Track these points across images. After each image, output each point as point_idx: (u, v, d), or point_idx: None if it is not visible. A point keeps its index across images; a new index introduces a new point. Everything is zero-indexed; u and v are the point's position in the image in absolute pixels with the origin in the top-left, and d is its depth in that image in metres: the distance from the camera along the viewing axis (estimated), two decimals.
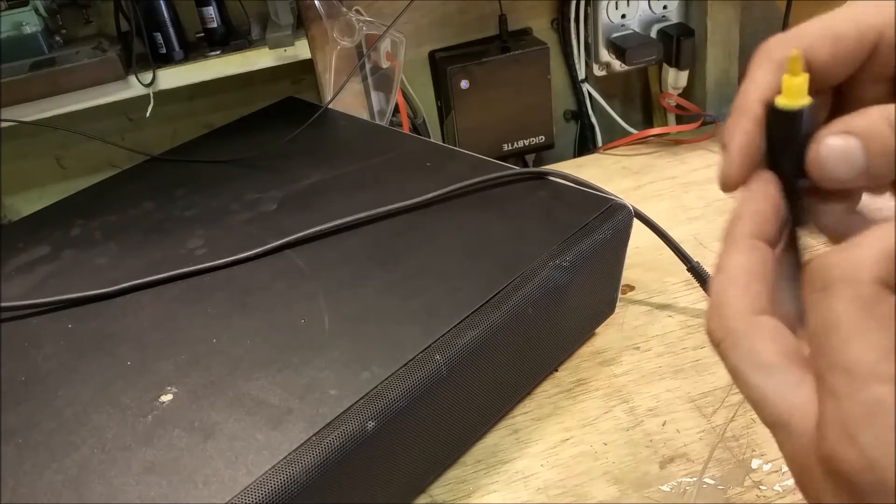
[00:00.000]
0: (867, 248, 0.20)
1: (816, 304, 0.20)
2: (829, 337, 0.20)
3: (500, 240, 0.49)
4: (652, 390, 0.51)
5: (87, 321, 0.47)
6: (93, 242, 0.56)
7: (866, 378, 0.19)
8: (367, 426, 0.37)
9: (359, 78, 0.77)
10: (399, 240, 0.50)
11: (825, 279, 0.20)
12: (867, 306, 0.19)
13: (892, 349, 0.19)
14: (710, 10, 0.85)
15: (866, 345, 0.19)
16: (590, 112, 0.92)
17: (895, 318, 0.19)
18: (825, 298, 0.20)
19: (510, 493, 0.45)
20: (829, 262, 0.20)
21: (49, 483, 0.35)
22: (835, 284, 0.20)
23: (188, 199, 0.59)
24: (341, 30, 0.72)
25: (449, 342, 0.41)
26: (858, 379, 0.19)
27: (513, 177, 0.55)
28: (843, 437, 0.19)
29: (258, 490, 0.34)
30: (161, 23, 0.71)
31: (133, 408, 0.39)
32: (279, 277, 0.48)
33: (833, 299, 0.20)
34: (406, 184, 0.56)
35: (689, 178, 0.76)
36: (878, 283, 0.20)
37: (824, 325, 0.20)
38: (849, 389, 0.19)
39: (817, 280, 0.21)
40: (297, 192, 0.58)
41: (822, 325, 0.20)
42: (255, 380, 0.40)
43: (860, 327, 0.19)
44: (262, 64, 0.72)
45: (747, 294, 0.23)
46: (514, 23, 0.86)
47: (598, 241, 0.49)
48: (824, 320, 0.20)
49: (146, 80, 0.70)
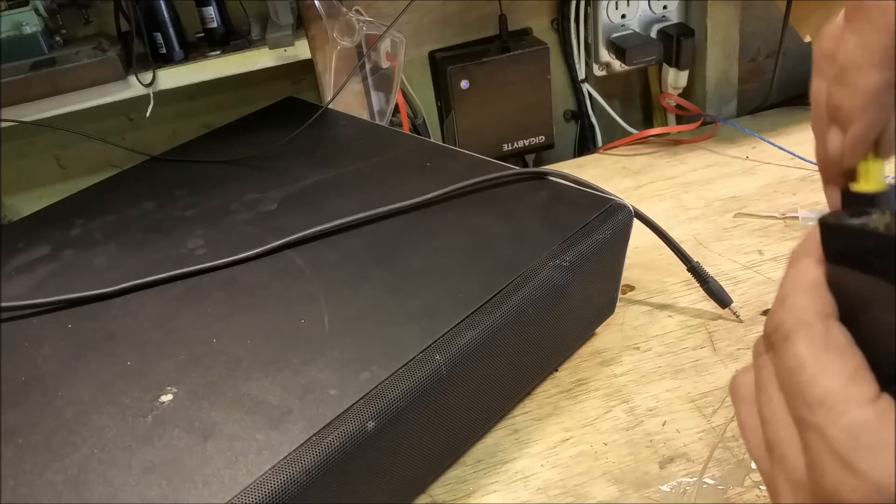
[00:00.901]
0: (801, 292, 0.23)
1: (782, 356, 0.22)
2: (798, 379, 0.21)
3: (500, 240, 0.49)
4: (652, 390, 0.51)
5: (87, 321, 0.47)
6: (93, 242, 0.56)
7: (842, 405, 0.20)
8: (367, 426, 0.37)
9: (359, 78, 0.77)
10: (399, 240, 0.50)
11: (783, 334, 0.23)
12: (822, 342, 0.22)
13: (857, 370, 0.20)
14: (710, 10, 0.85)
15: (831, 375, 0.21)
16: (590, 112, 0.92)
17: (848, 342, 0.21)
18: (788, 348, 0.22)
19: (510, 493, 0.45)
20: (781, 320, 0.23)
21: (49, 483, 0.35)
22: (790, 335, 0.22)
23: (188, 199, 0.59)
24: (341, 30, 0.72)
25: (449, 342, 0.41)
26: (835, 408, 0.20)
27: (513, 177, 0.55)
28: (840, 469, 0.20)
29: (258, 490, 0.34)
30: (161, 23, 0.71)
31: (133, 408, 0.39)
32: (279, 277, 0.48)
33: (794, 346, 0.22)
34: (406, 184, 0.56)
35: (689, 178, 0.76)
36: (824, 319, 0.22)
37: (791, 370, 0.22)
38: (829, 420, 0.20)
39: (777, 340, 0.23)
40: (297, 192, 0.58)
41: (790, 371, 0.22)
42: (255, 380, 0.40)
43: (822, 361, 0.21)
44: (262, 64, 0.72)
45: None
46: (514, 23, 0.86)
47: (598, 241, 0.49)
48: (791, 366, 0.22)
49: (146, 80, 0.70)
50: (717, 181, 0.75)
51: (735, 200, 0.71)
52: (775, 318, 0.23)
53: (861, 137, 0.23)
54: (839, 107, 0.24)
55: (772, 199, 0.70)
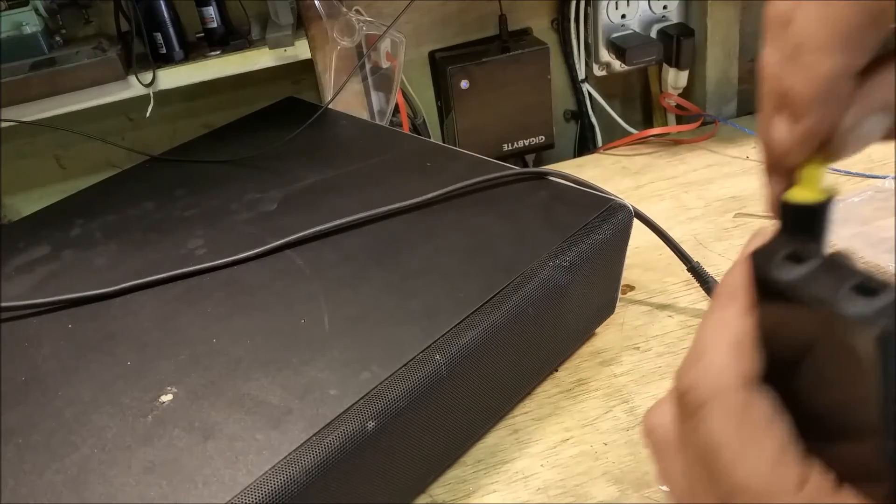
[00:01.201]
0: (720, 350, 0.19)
1: (695, 429, 0.19)
2: (717, 462, 0.19)
3: (500, 240, 0.49)
4: (652, 390, 0.51)
5: (87, 321, 0.47)
6: (93, 242, 0.56)
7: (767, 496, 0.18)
8: (367, 426, 0.37)
9: (359, 78, 0.77)
10: (399, 240, 0.50)
11: (696, 401, 0.19)
12: (741, 417, 0.18)
13: (781, 451, 0.18)
14: (710, 10, 0.85)
15: (754, 460, 0.18)
16: (590, 112, 0.92)
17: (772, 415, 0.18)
18: (702, 422, 0.19)
19: (510, 493, 0.45)
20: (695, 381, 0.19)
21: (49, 483, 0.35)
22: (704, 405, 0.19)
23: (188, 199, 0.59)
24: (341, 30, 0.72)
25: (449, 342, 0.41)
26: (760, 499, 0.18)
27: (513, 177, 0.55)
28: None
29: (258, 490, 0.34)
30: (161, 23, 0.71)
31: (133, 408, 0.39)
32: (279, 277, 0.48)
33: (708, 421, 0.19)
34: (406, 184, 0.56)
35: (689, 178, 0.76)
36: (744, 387, 0.19)
37: (707, 450, 0.19)
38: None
39: (690, 404, 0.19)
40: (297, 192, 0.58)
41: (706, 450, 0.19)
42: (255, 380, 0.40)
43: (741, 443, 0.18)
44: (262, 64, 0.72)
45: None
46: (514, 23, 0.86)
47: (598, 241, 0.49)
48: (706, 446, 0.19)
49: (146, 80, 0.70)
50: (717, 181, 0.75)
51: (735, 200, 0.71)
52: (689, 376, 0.20)
53: (811, 133, 0.20)
54: (789, 91, 0.19)
55: None
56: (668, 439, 0.22)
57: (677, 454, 0.21)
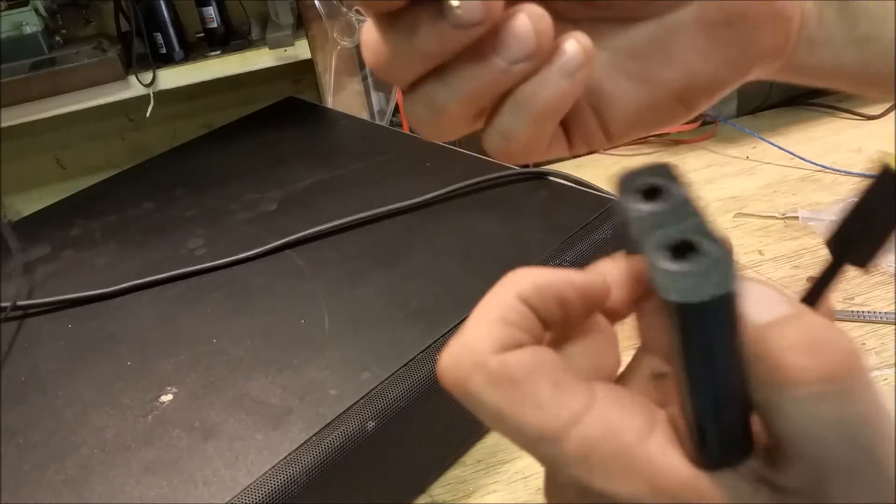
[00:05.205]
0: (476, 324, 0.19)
1: (476, 408, 0.19)
2: (504, 423, 0.18)
3: (499, 240, 0.49)
4: None
5: (87, 321, 0.47)
6: (93, 242, 0.56)
7: (563, 430, 0.17)
8: (367, 426, 0.37)
9: (359, 78, 0.77)
10: (399, 240, 0.50)
11: (460, 377, 0.19)
12: (503, 377, 0.18)
13: (555, 385, 0.18)
14: None
15: (532, 407, 0.18)
16: None
17: (533, 362, 0.18)
18: (474, 397, 0.18)
19: (510, 493, 0.45)
20: (458, 358, 0.19)
21: (49, 483, 0.35)
22: (469, 378, 0.18)
23: (188, 199, 0.59)
24: (341, 30, 0.72)
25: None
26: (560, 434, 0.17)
27: (513, 177, 0.55)
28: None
29: (258, 490, 0.34)
30: (161, 23, 0.71)
31: (133, 408, 0.39)
32: (279, 277, 0.48)
33: (479, 392, 0.18)
34: (406, 184, 0.56)
35: (689, 178, 0.76)
36: (500, 350, 0.18)
37: (493, 421, 0.18)
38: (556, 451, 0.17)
39: (456, 384, 0.19)
40: (297, 192, 0.58)
41: (495, 418, 0.18)
42: (255, 380, 0.40)
43: (511, 401, 0.18)
44: (262, 64, 0.72)
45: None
46: None
47: (598, 241, 0.49)
48: (490, 417, 0.18)
49: (146, 80, 0.70)
50: (717, 181, 0.75)
51: (735, 200, 0.71)
52: (451, 354, 0.19)
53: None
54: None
55: (772, 199, 0.70)
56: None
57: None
